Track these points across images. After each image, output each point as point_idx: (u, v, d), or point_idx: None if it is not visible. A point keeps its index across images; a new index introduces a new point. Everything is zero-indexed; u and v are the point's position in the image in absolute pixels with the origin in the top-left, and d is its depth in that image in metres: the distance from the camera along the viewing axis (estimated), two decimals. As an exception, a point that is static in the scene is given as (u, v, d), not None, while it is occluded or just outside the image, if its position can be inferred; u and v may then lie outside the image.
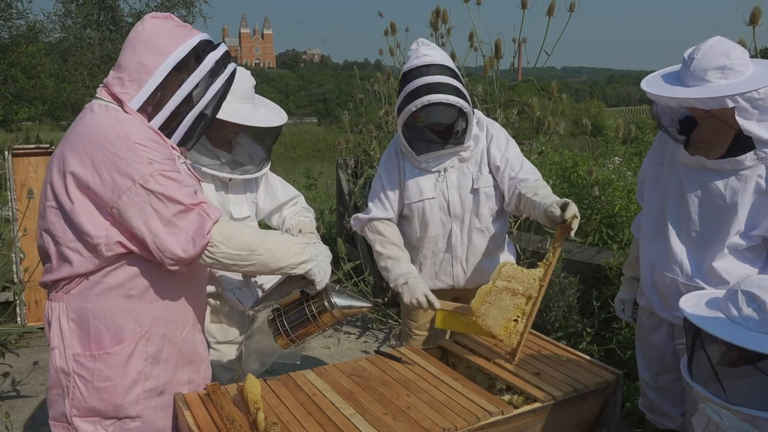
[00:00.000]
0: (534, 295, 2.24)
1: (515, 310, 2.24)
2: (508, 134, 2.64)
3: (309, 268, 1.93)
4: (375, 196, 2.66)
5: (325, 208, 7.26)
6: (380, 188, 2.64)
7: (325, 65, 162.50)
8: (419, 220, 2.60)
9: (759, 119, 1.93)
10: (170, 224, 1.69)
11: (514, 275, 2.26)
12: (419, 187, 2.56)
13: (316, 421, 1.84)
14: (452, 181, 2.55)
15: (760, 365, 1.52)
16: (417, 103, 2.35)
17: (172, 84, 1.76)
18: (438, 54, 2.46)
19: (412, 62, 2.44)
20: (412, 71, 2.42)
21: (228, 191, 2.41)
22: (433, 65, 2.40)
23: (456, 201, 2.55)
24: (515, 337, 2.25)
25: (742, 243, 2.08)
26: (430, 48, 2.47)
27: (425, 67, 2.40)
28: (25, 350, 4.45)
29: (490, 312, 2.24)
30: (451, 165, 2.54)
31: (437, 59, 2.43)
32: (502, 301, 2.24)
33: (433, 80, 2.37)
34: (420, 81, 2.37)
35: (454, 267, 2.64)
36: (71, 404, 1.79)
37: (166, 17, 1.82)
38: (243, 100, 2.32)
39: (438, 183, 2.55)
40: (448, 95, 2.35)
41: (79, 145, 1.68)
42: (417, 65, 2.41)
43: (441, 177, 2.54)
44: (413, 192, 2.57)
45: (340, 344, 4.67)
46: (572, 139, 10.00)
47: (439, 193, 2.55)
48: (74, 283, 1.76)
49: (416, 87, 2.37)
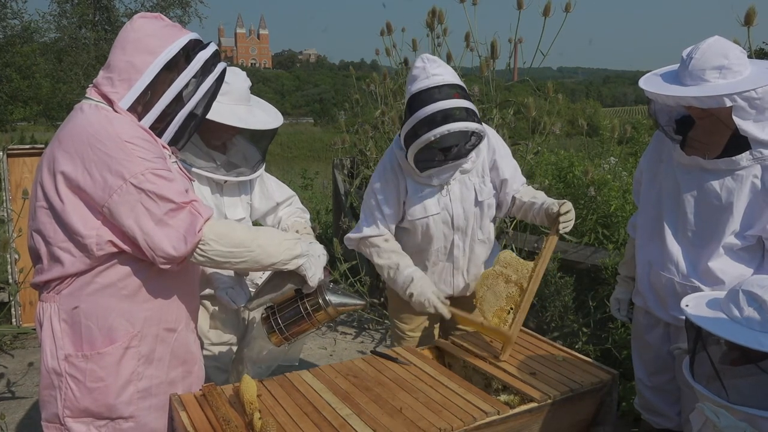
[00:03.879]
0: (524, 285, 2.28)
1: (508, 299, 2.30)
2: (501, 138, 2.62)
3: (301, 263, 1.93)
4: (368, 215, 2.57)
5: (321, 208, 7.26)
6: (375, 207, 2.55)
7: (321, 65, 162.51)
8: (422, 234, 2.54)
9: (755, 119, 1.94)
10: (161, 222, 1.68)
11: (509, 262, 2.34)
12: (423, 205, 2.49)
13: (312, 422, 1.84)
14: (455, 194, 2.50)
15: (761, 365, 1.52)
16: (436, 133, 2.25)
17: (161, 83, 1.76)
18: (446, 72, 2.36)
19: (422, 83, 2.32)
20: (423, 94, 2.30)
21: (223, 193, 2.41)
22: (444, 86, 2.30)
23: (460, 214, 2.51)
24: (506, 327, 2.28)
25: (737, 243, 2.08)
26: (437, 66, 2.36)
27: (437, 88, 2.29)
28: (20, 351, 4.43)
29: (487, 296, 2.33)
30: (453, 178, 2.49)
31: (447, 78, 2.32)
32: (498, 286, 2.32)
33: (447, 105, 2.27)
34: (435, 107, 2.26)
35: (455, 277, 2.62)
36: (64, 405, 1.78)
37: (155, 17, 1.82)
38: (238, 102, 2.30)
39: (442, 197, 2.50)
40: (466, 123, 2.27)
41: (69, 145, 1.68)
42: (428, 86, 2.30)
43: (445, 191, 2.50)
44: (417, 209, 2.50)
45: (336, 345, 4.66)
46: (568, 140, 10.02)
47: (443, 208, 2.50)
48: (65, 283, 1.75)
49: (431, 114, 2.26)
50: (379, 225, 2.55)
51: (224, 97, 2.19)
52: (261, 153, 2.46)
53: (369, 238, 2.57)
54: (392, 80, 5.46)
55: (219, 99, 2.08)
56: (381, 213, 2.54)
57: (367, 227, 2.57)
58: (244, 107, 2.33)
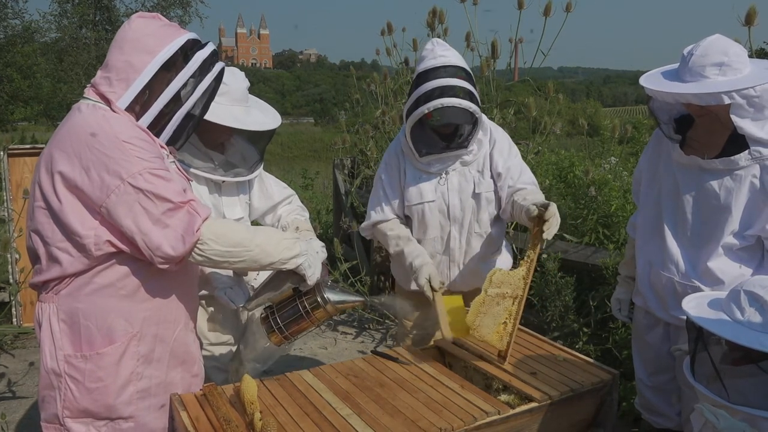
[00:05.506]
0: (520, 294, 2.26)
1: (504, 313, 2.26)
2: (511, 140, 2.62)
3: (299, 263, 1.93)
4: (375, 201, 2.64)
5: (321, 208, 7.26)
6: (381, 192, 2.62)
7: (321, 65, 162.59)
8: (418, 222, 2.58)
9: (754, 118, 1.93)
10: (159, 222, 1.68)
11: (503, 280, 2.25)
12: (420, 190, 2.54)
13: (312, 422, 1.84)
14: (453, 185, 2.53)
15: (762, 365, 1.52)
16: (430, 105, 2.31)
17: (159, 83, 1.76)
18: (453, 55, 2.42)
19: (428, 63, 2.39)
20: (428, 72, 2.37)
21: (221, 193, 2.41)
22: (448, 66, 2.36)
23: (456, 204, 2.53)
24: (506, 338, 2.25)
25: (736, 243, 2.08)
26: (445, 48, 2.43)
27: (442, 68, 2.36)
28: (20, 351, 4.43)
29: (484, 322, 2.24)
30: (452, 168, 2.52)
31: (453, 60, 2.39)
32: (494, 308, 2.24)
33: (447, 83, 2.33)
34: (435, 83, 2.33)
35: (451, 269, 2.63)
36: (63, 405, 1.78)
37: (153, 17, 1.82)
38: (236, 103, 2.30)
39: (439, 186, 2.53)
40: (461, 99, 2.32)
41: (66, 145, 1.68)
42: (433, 66, 2.37)
43: (442, 180, 2.53)
44: (413, 194, 2.55)
45: (336, 344, 4.66)
46: (569, 139, 10.02)
47: (440, 196, 2.53)
48: (64, 283, 1.75)
49: (431, 89, 2.33)
50: (385, 212, 2.61)
51: (222, 97, 2.19)
52: (259, 153, 2.45)
53: (378, 224, 2.61)
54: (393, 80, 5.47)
55: (217, 100, 2.07)
56: (387, 200, 2.61)
57: (376, 215, 2.63)
58: (242, 108, 2.33)
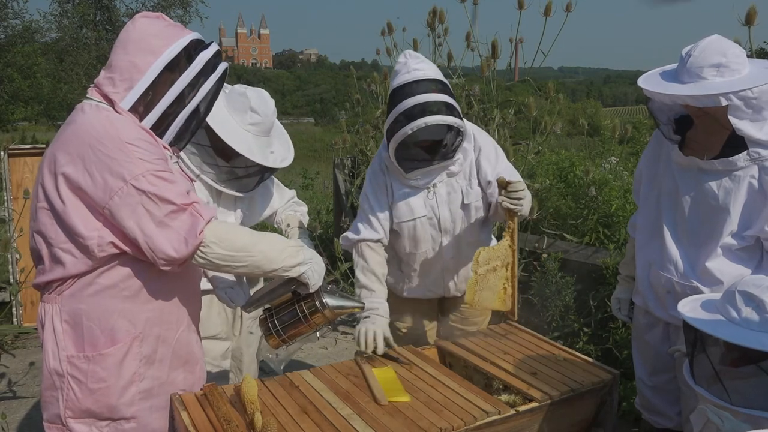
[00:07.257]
0: (510, 260, 2.43)
1: (500, 281, 2.44)
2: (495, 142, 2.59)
3: (303, 271, 1.92)
4: (363, 216, 2.55)
5: (322, 208, 7.25)
6: (368, 209, 2.53)
7: (321, 65, 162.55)
8: (410, 237, 2.53)
9: (752, 119, 1.93)
10: (162, 224, 1.68)
11: (490, 256, 2.39)
12: (410, 207, 2.48)
13: (313, 422, 1.84)
14: (442, 197, 2.48)
15: (762, 365, 1.52)
16: (413, 126, 2.24)
17: (163, 84, 1.75)
18: (428, 67, 2.35)
19: (403, 77, 2.32)
20: (403, 88, 2.31)
21: (219, 203, 2.40)
22: (423, 81, 2.29)
23: (446, 217, 2.49)
24: (509, 300, 2.49)
25: (735, 243, 2.08)
26: (418, 61, 2.36)
27: (416, 83, 2.29)
28: (21, 351, 4.43)
29: (483, 295, 2.39)
30: (440, 180, 2.47)
31: (428, 73, 2.32)
32: (489, 282, 2.40)
33: (426, 99, 2.26)
34: (414, 100, 2.26)
35: (445, 278, 2.61)
36: (65, 406, 1.78)
37: (157, 17, 1.81)
38: (263, 134, 2.34)
39: (428, 200, 2.48)
40: (443, 116, 2.25)
41: (70, 146, 1.68)
42: (408, 81, 2.30)
43: (430, 193, 2.48)
44: (403, 211, 2.49)
45: (336, 344, 4.66)
46: (569, 139, 10.02)
47: (430, 210, 2.48)
48: (67, 284, 1.75)
49: (410, 107, 2.26)
50: (375, 227, 2.52)
51: (252, 126, 2.29)
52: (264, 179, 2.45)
53: (364, 242, 2.52)
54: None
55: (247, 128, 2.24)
56: (375, 216, 2.52)
57: (365, 229, 2.53)
58: (266, 139, 2.37)
